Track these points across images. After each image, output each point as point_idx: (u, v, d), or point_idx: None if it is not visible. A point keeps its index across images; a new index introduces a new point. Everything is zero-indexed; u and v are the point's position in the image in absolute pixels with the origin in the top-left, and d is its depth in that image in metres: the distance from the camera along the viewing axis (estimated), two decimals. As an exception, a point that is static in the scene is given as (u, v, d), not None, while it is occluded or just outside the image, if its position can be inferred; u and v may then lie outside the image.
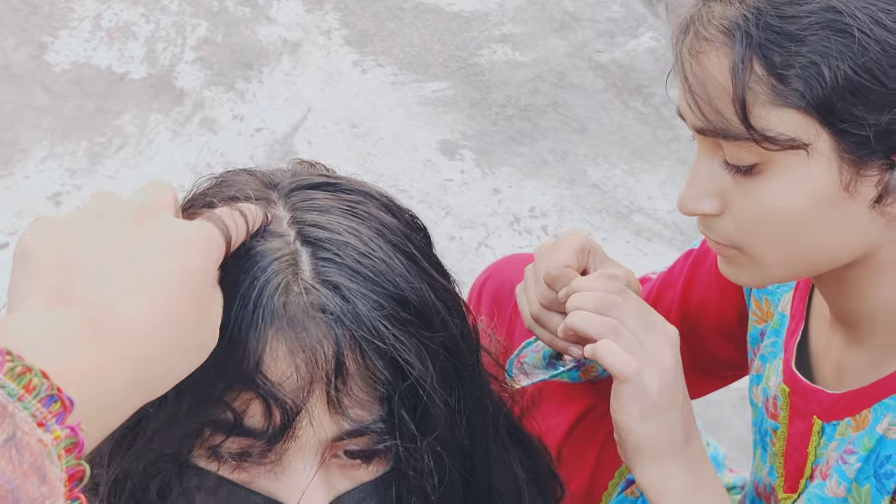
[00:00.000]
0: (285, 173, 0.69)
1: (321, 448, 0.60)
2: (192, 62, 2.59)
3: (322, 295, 0.59)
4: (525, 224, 2.22)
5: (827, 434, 0.79)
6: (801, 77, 0.64)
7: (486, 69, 2.67)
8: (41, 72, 2.51)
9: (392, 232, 0.65)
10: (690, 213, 0.74)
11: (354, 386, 0.59)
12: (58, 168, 2.25)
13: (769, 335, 0.87)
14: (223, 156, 2.32)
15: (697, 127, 0.70)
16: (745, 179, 0.70)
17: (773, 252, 0.72)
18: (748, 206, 0.70)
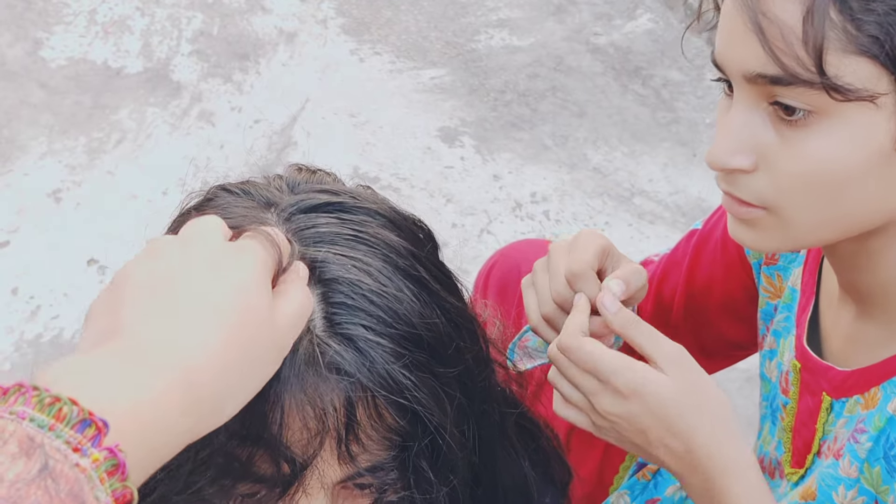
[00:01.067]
0: (282, 188, 0.65)
1: (331, 489, 0.60)
2: (189, 55, 2.58)
3: (334, 351, 0.56)
4: (527, 209, 2.21)
5: (836, 411, 0.78)
6: (880, 24, 0.61)
7: (484, 55, 2.65)
8: (37, 68, 2.50)
9: (400, 255, 0.62)
10: (722, 168, 0.69)
11: (365, 436, 0.58)
12: (57, 164, 2.24)
13: (781, 310, 0.86)
14: (222, 148, 2.32)
15: (753, 72, 0.65)
16: (791, 131, 0.65)
17: (808, 213, 0.68)
18: (792, 162, 0.66)
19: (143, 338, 0.45)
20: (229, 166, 2.25)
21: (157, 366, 0.44)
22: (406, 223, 0.66)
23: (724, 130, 0.69)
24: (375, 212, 0.64)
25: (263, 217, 0.61)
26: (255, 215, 0.61)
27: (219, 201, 0.64)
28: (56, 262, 2.01)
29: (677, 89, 2.50)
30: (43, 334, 1.88)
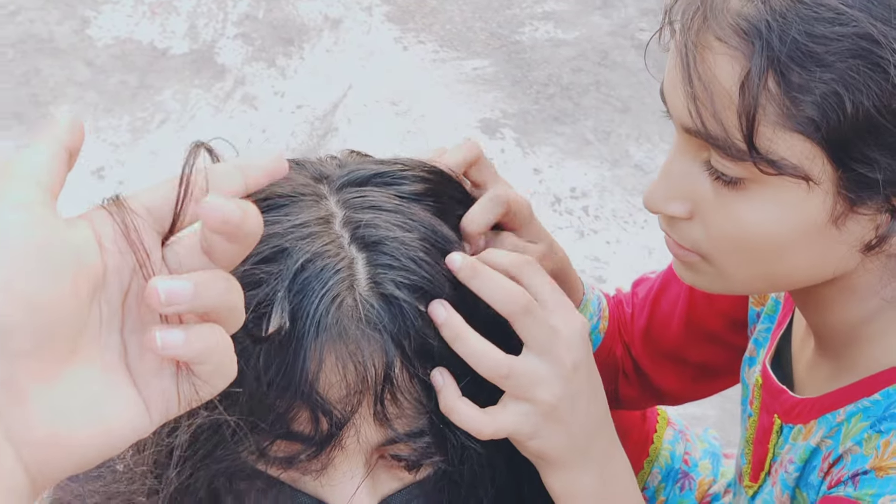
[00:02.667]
0: (334, 164, 0.68)
1: (367, 453, 0.60)
2: (234, 38, 2.59)
3: (376, 309, 0.58)
4: (566, 204, 2.20)
5: (784, 435, 0.76)
6: (818, 105, 0.57)
7: (528, 47, 2.64)
8: (84, 46, 2.53)
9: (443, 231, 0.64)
10: (656, 211, 0.68)
11: (402, 398, 0.59)
12: (101, 143, 2.27)
13: (763, 319, 0.84)
14: (264, 132, 2.33)
15: (687, 127, 0.63)
16: (726, 190, 0.63)
17: (742, 269, 0.66)
18: (724, 221, 0.64)
19: None
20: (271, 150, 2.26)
21: None
22: (454, 189, 0.69)
23: (664, 172, 0.67)
24: (422, 184, 0.66)
25: (317, 188, 0.64)
26: (310, 187, 0.64)
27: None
28: (97, 239, 2.03)
29: (723, 88, 2.47)
30: (82, 310, 1.90)
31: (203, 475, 0.61)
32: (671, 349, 0.94)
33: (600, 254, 2.07)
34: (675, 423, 1.08)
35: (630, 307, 0.97)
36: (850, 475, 0.66)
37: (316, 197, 0.63)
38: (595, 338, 0.92)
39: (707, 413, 1.73)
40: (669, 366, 0.95)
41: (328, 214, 0.62)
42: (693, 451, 1.06)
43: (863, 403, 0.69)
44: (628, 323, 0.97)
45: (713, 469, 1.05)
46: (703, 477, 1.04)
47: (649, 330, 0.95)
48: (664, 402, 1.03)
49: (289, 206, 0.63)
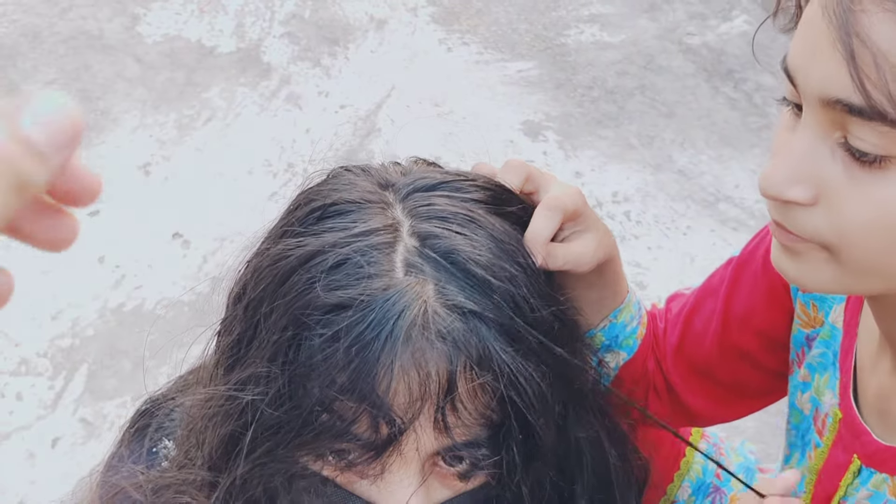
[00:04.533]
0: (398, 171, 0.68)
1: (423, 461, 0.61)
2: (280, 37, 2.61)
3: (442, 319, 0.58)
4: (608, 209, 2.18)
5: (862, 478, 0.72)
6: None
7: (573, 50, 2.63)
8: (134, 43, 2.57)
9: (511, 238, 0.64)
10: (777, 197, 0.61)
11: (464, 408, 0.59)
12: (147, 138, 2.30)
13: (818, 345, 0.80)
14: (308, 132, 2.34)
15: (832, 97, 0.56)
16: (863, 172, 0.57)
17: (866, 259, 0.60)
18: (859, 206, 0.58)
19: None
20: (314, 149, 2.28)
21: None
22: (515, 206, 0.69)
23: (785, 154, 0.60)
24: (486, 193, 0.67)
25: (383, 195, 0.65)
26: (377, 194, 0.64)
27: (341, 179, 0.67)
28: (142, 233, 2.06)
29: (770, 94, 2.43)
30: (125, 303, 1.93)
31: (259, 472, 0.61)
32: (703, 367, 0.92)
33: (641, 259, 2.06)
34: (710, 437, 1.07)
35: (663, 322, 0.96)
36: None
37: (383, 204, 0.64)
38: (633, 342, 0.91)
39: (746, 424, 1.71)
40: (700, 385, 0.93)
41: (395, 222, 0.62)
42: (726, 466, 1.04)
43: None
44: (661, 338, 0.95)
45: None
46: (735, 492, 1.03)
47: (682, 347, 0.93)
48: (695, 422, 1.01)
49: (355, 212, 0.63)
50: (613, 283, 0.85)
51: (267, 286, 0.62)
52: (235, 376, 0.62)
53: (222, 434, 0.63)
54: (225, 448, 0.62)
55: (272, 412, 0.59)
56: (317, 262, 0.60)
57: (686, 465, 1.04)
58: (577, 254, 0.73)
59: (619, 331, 0.89)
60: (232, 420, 0.62)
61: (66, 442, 1.71)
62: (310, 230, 0.63)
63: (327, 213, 0.64)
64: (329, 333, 0.58)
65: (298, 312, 0.59)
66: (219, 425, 0.63)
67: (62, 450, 1.70)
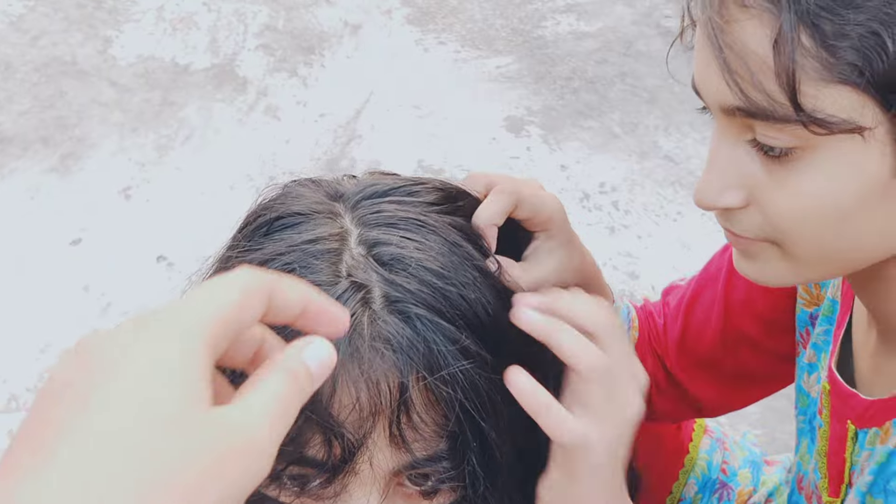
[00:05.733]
0: (352, 182, 0.67)
1: (384, 479, 0.58)
2: (255, 49, 2.59)
3: (391, 326, 0.56)
4: (595, 200, 2.16)
5: (860, 441, 0.72)
6: (857, 49, 0.54)
7: (551, 41, 2.60)
8: (107, 66, 2.54)
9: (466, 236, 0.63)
10: (711, 207, 0.64)
11: (419, 420, 0.57)
12: (127, 162, 2.27)
13: (821, 322, 0.79)
14: (288, 143, 2.32)
15: (730, 105, 0.60)
16: (778, 166, 0.60)
17: (811, 248, 0.62)
18: (782, 199, 0.61)
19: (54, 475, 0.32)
20: (295, 160, 2.25)
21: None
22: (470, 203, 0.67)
23: (710, 166, 0.64)
24: (438, 195, 0.65)
25: (332, 206, 0.63)
26: (326, 205, 0.63)
27: (292, 194, 0.66)
28: (126, 258, 2.04)
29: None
30: (114, 331, 1.90)
31: None
32: (707, 358, 0.90)
33: (632, 249, 2.03)
34: (713, 431, 1.05)
35: (661, 318, 0.93)
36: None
37: (331, 214, 0.62)
38: None
39: (749, 410, 1.68)
40: (706, 375, 0.91)
41: (343, 231, 0.61)
42: (732, 461, 1.02)
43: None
44: (661, 334, 0.93)
45: (753, 478, 1.01)
46: (743, 487, 1.00)
47: (684, 339, 0.91)
48: (702, 413, 0.99)
49: (303, 223, 0.62)
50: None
51: None
52: None
53: None
54: None
55: None
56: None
57: (690, 462, 1.03)
58: (537, 279, 0.71)
59: None
60: None
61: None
62: (256, 244, 0.61)
63: (274, 226, 0.62)
64: None
65: None
66: None
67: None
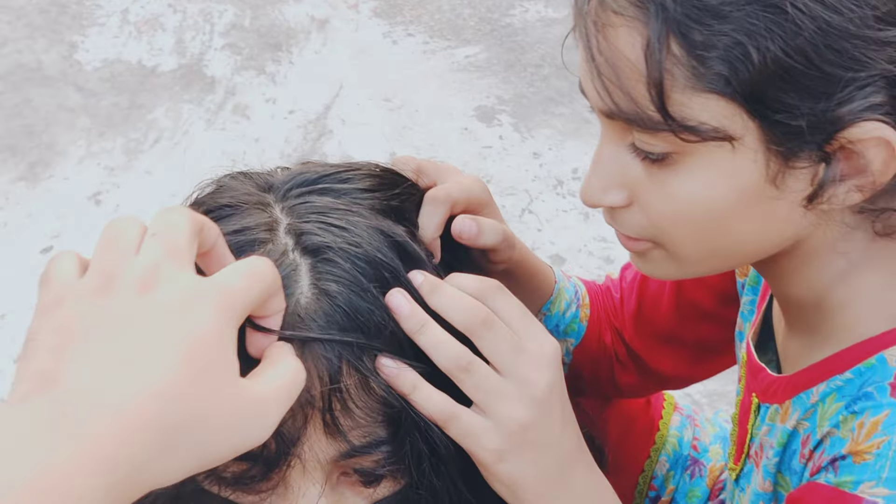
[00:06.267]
0: (284, 173, 0.67)
1: (324, 469, 0.58)
2: (222, 49, 2.57)
3: (320, 315, 0.55)
4: (568, 187, 2.15)
5: (761, 415, 0.73)
6: (724, 59, 0.54)
7: (520, 29, 2.59)
8: (73, 72, 2.51)
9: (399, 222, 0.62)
10: (595, 205, 0.65)
11: (355, 407, 0.56)
12: (96, 167, 2.25)
13: (747, 292, 0.80)
14: (258, 141, 2.30)
15: (604, 110, 0.61)
16: (657, 169, 0.61)
17: (691, 247, 0.64)
18: (661, 200, 0.62)
19: (72, 390, 0.39)
20: (266, 159, 2.23)
21: (77, 424, 0.38)
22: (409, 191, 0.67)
23: (595, 165, 0.65)
24: (372, 181, 0.65)
25: (262, 197, 0.63)
26: (257, 196, 0.63)
27: (223, 187, 0.66)
28: (98, 265, 2.02)
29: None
30: (88, 338, 1.89)
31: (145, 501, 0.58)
32: (665, 331, 0.90)
33: (607, 234, 2.03)
34: (682, 409, 1.05)
35: (618, 292, 0.94)
36: (830, 460, 0.63)
37: (261, 205, 0.62)
38: (578, 326, 0.89)
39: (727, 388, 1.69)
40: (665, 348, 0.91)
41: (272, 221, 0.60)
42: (703, 437, 1.02)
43: (835, 382, 0.65)
44: (618, 308, 0.93)
45: (724, 454, 1.01)
46: (714, 463, 1.00)
47: (640, 313, 0.91)
48: (667, 386, 0.99)
49: (232, 215, 0.61)
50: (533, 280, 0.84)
51: None
52: None
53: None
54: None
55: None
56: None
57: (661, 440, 1.02)
58: (493, 241, 0.72)
59: (557, 321, 0.87)
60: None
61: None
62: None
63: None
64: None
65: None
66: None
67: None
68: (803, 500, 0.64)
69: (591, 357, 0.91)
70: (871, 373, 0.63)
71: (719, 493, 0.98)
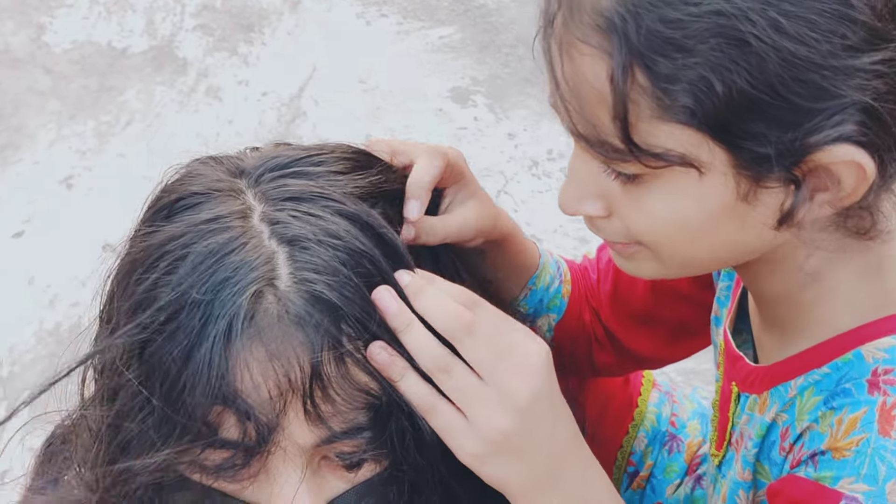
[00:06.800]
0: (255, 156, 0.66)
1: (305, 455, 0.58)
2: (193, 30, 2.54)
3: (298, 303, 0.55)
4: (543, 167, 2.16)
5: (741, 404, 0.74)
6: (689, 92, 0.54)
7: (493, 10, 2.58)
8: (42, 54, 2.48)
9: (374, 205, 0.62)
10: (572, 214, 0.66)
11: (336, 395, 0.56)
12: (67, 150, 2.23)
13: (723, 277, 0.81)
14: (231, 123, 2.28)
15: (570, 131, 0.61)
16: (632, 186, 0.61)
17: (671, 253, 0.64)
18: (637, 215, 0.62)
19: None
20: (240, 141, 2.21)
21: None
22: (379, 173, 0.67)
23: (571, 175, 0.65)
24: (345, 164, 0.65)
25: (233, 183, 0.62)
26: (228, 182, 0.62)
27: (193, 173, 0.65)
28: (71, 248, 2.00)
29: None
30: (62, 323, 1.87)
31: (128, 488, 0.58)
32: (641, 311, 0.91)
33: (582, 214, 2.04)
34: (661, 385, 1.06)
35: (595, 272, 0.94)
36: (810, 455, 0.64)
37: (233, 192, 0.61)
38: (560, 302, 0.90)
39: (703, 367, 1.70)
40: (641, 328, 0.92)
41: (245, 207, 0.60)
42: (681, 413, 1.03)
43: (813, 377, 0.66)
44: (595, 288, 0.94)
45: (702, 430, 1.02)
46: (692, 438, 1.02)
47: (616, 293, 0.92)
48: (644, 366, 1.00)
49: (203, 203, 0.61)
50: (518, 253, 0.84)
51: (114, 292, 0.59)
52: (98, 392, 0.60)
53: (94, 453, 0.60)
54: (100, 467, 0.59)
55: (131, 427, 0.55)
56: (157, 259, 0.57)
57: (640, 416, 1.04)
58: (458, 225, 0.72)
59: (541, 295, 0.88)
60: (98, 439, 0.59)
61: (16, 474, 1.65)
62: (156, 227, 0.60)
63: (175, 209, 0.61)
64: (174, 334, 0.54)
65: (140, 316, 0.56)
66: (85, 444, 0.60)
67: (11, 482, 1.64)
68: (783, 492, 0.65)
69: (571, 335, 0.92)
70: (849, 368, 0.63)
71: (696, 468, 1.00)
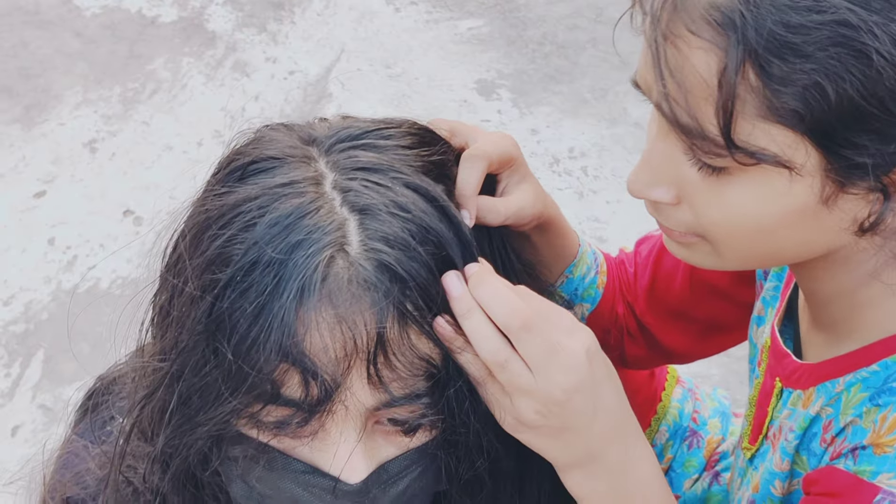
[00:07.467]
0: (324, 126, 0.67)
1: (362, 418, 0.59)
2: (223, 4, 2.55)
3: (368, 269, 0.57)
4: (564, 165, 2.17)
5: (783, 399, 0.75)
6: (801, 97, 0.55)
7: (522, 5, 2.60)
8: (72, 17, 2.49)
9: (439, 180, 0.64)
10: (640, 197, 0.66)
11: (397, 361, 0.58)
12: (92, 114, 2.24)
13: (771, 278, 0.82)
14: (257, 99, 2.29)
15: (668, 118, 0.60)
16: (713, 177, 0.61)
17: (736, 248, 0.65)
18: (713, 207, 0.62)
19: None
20: (264, 117, 2.23)
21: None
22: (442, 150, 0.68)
23: (645, 159, 0.65)
24: (412, 139, 0.66)
25: (306, 150, 0.63)
26: (300, 149, 0.63)
27: (265, 138, 0.66)
28: (92, 212, 2.01)
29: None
30: (79, 285, 1.88)
31: (189, 440, 0.59)
32: (676, 307, 0.92)
33: (600, 214, 2.06)
34: (685, 382, 1.07)
35: (633, 266, 0.95)
36: (850, 448, 0.65)
37: (305, 158, 0.62)
38: (595, 292, 0.91)
39: (711, 371, 1.73)
40: (675, 323, 0.93)
41: (318, 175, 0.61)
42: (702, 410, 1.05)
43: (861, 374, 0.67)
44: (631, 282, 0.95)
45: (722, 428, 1.04)
46: (712, 435, 1.03)
47: (653, 288, 0.93)
48: (672, 360, 1.02)
49: (277, 167, 0.62)
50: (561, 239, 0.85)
51: (186, 248, 0.60)
52: (161, 345, 0.61)
53: (153, 406, 0.61)
54: (158, 419, 0.61)
55: (195, 380, 0.57)
56: (232, 219, 0.58)
57: (662, 410, 1.05)
58: (517, 206, 0.73)
59: (577, 284, 0.89)
60: (160, 391, 0.60)
61: (27, 429, 1.67)
62: (231, 188, 0.61)
63: (248, 171, 0.62)
64: (247, 291, 0.56)
65: (214, 272, 0.57)
66: (150, 397, 0.62)
67: (23, 437, 1.66)
68: (821, 482, 0.66)
69: (603, 326, 0.93)
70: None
71: (715, 464, 1.01)
